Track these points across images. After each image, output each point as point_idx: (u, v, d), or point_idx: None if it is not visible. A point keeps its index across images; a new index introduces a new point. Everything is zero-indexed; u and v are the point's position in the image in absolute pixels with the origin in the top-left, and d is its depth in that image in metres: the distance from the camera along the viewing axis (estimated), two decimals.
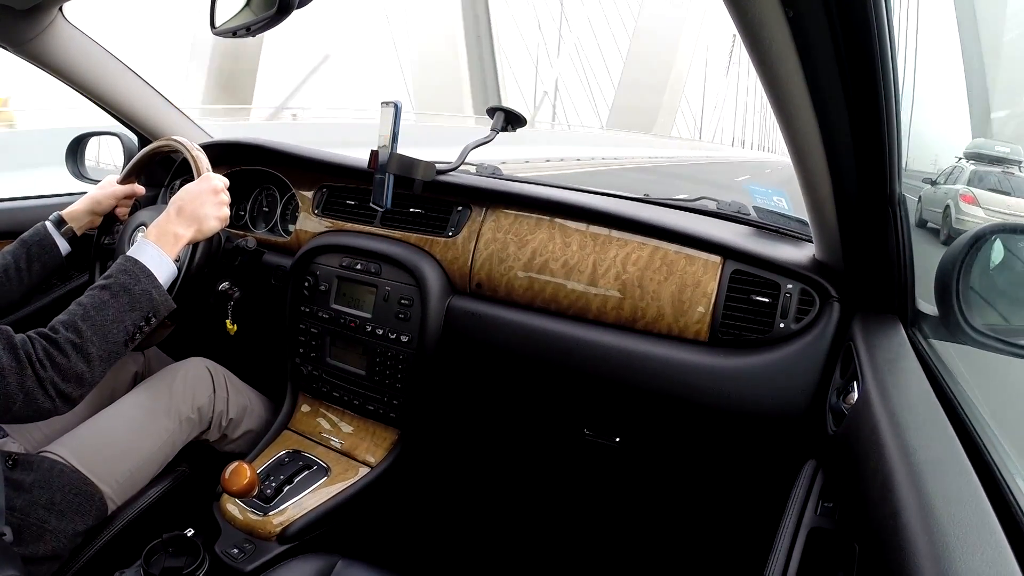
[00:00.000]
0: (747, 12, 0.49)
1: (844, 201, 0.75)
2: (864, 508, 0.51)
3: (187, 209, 0.98)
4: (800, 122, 0.64)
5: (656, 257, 1.03)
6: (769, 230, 1.13)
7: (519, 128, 1.23)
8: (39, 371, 0.78)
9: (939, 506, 0.42)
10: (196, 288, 1.09)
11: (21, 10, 1.10)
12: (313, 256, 1.27)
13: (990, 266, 0.75)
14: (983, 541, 0.40)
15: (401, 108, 1.07)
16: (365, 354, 1.24)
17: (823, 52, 0.53)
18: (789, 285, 0.95)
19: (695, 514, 1.25)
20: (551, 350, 1.08)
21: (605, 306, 1.06)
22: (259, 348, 1.40)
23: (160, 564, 0.86)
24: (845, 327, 0.89)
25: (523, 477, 1.41)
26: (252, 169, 1.43)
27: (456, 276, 1.18)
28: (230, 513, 1.09)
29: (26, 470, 0.91)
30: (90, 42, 1.27)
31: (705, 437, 1.06)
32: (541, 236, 1.12)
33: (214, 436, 1.19)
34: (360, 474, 1.19)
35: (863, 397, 0.65)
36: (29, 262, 1.11)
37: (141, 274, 0.89)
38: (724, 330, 0.98)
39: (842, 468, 0.64)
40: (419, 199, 1.21)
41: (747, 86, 38.57)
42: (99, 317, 0.84)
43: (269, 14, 0.79)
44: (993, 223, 0.73)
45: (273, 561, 1.01)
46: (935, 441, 0.52)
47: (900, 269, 0.79)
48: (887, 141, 0.64)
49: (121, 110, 1.40)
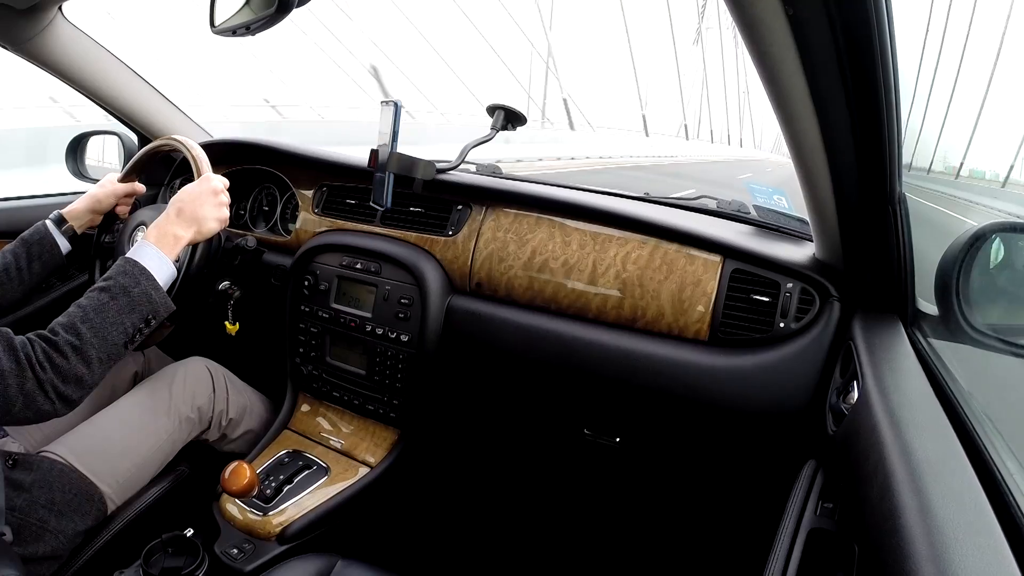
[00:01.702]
0: (747, 11, 0.49)
1: (844, 200, 0.75)
2: (863, 508, 0.51)
3: (187, 210, 0.98)
4: (800, 121, 0.64)
5: (656, 256, 1.03)
6: (769, 229, 1.13)
7: (519, 126, 1.22)
8: (39, 373, 0.78)
9: (938, 506, 0.42)
10: (196, 289, 1.09)
11: (21, 9, 1.10)
12: (313, 255, 1.27)
13: (990, 265, 0.74)
14: (982, 541, 0.40)
15: (401, 107, 1.07)
16: (365, 354, 1.24)
17: (823, 51, 0.53)
18: (789, 284, 0.95)
19: (695, 514, 1.25)
20: (551, 349, 1.08)
21: (605, 305, 1.06)
22: (259, 348, 1.40)
23: (159, 564, 0.86)
24: (845, 326, 0.89)
25: (523, 477, 1.41)
26: (252, 168, 1.43)
27: (456, 275, 1.18)
28: (230, 513, 1.09)
29: (26, 470, 0.91)
30: (90, 41, 1.27)
31: (705, 437, 1.06)
32: (541, 235, 1.11)
33: (214, 436, 1.19)
34: (360, 474, 1.20)
35: (863, 397, 0.65)
36: (29, 260, 1.11)
37: (140, 276, 0.89)
38: (724, 329, 0.98)
39: (842, 468, 0.64)
40: (419, 198, 1.21)
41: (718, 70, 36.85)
42: (98, 319, 0.84)
43: (269, 12, 0.79)
44: (993, 222, 0.72)
45: (273, 561, 1.01)
46: (935, 441, 0.52)
47: (900, 268, 0.79)
48: (887, 140, 0.64)
49: (121, 109, 1.40)
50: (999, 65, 16.25)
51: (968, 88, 14.54)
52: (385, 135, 1.08)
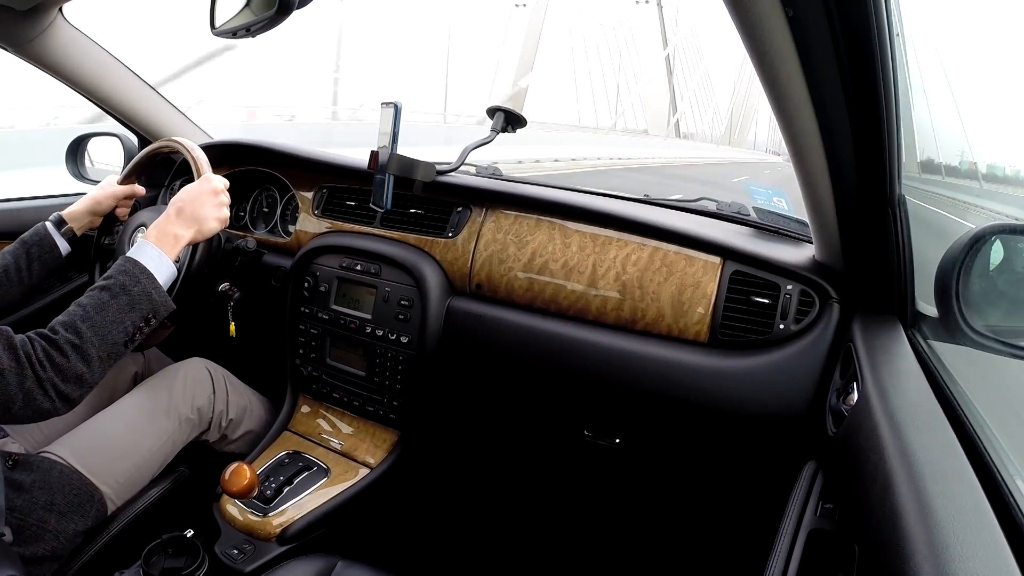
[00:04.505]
0: (747, 12, 0.49)
1: (844, 201, 0.75)
2: (863, 509, 0.51)
3: (187, 210, 0.98)
4: (800, 122, 0.64)
5: (656, 258, 1.03)
6: (769, 231, 1.13)
7: (519, 128, 1.23)
8: (39, 372, 0.78)
9: (938, 507, 0.42)
10: (196, 289, 1.09)
11: (21, 11, 1.10)
12: (313, 257, 1.27)
13: (990, 267, 0.74)
14: (982, 542, 0.40)
15: (401, 108, 1.07)
16: (365, 355, 1.24)
17: (823, 52, 0.53)
18: (789, 286, 0.95)
19: (695, 515, 1.25)
20: (551, 351, 1.08)
21: (605, 307, 1.06)
22: (259, 349, 1.40)
23: (159, 565, 0.86)
24: (845, 328, 0.89)
25: (523, 478, 1.40)
26: (252, 170, 1.43)
27: (456, 277, 1.18)
28: (230, 514, 1.09)
29: (26, 470, 0.91)
30: (90, 43, 1.27)
31: (705, 438, 1.06)
32: (541, 237, 1.12)
33: (214, 437, 1.19)
34: (360, 475, 1.19)
35: (863, 398, 0.65)
36: (29, 262, 1.11)
37: (141, 275, 0.89)
38: (724, 331, 0.98)
39: (842, 469, 0.64)
40: (419, 200, 1.21)
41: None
42: (99, 318, 0.84)
43: (269, 14, 0.79)
44: (992, 224, 0.72)
45: (273, 562, 1.01)
46: (934, 442, 0.52)
47: (900, 270, 0.79)
48: (887, 141, 0.64)
49: (121, 111, 1.40)
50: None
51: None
52: (385, 136, 1.08)
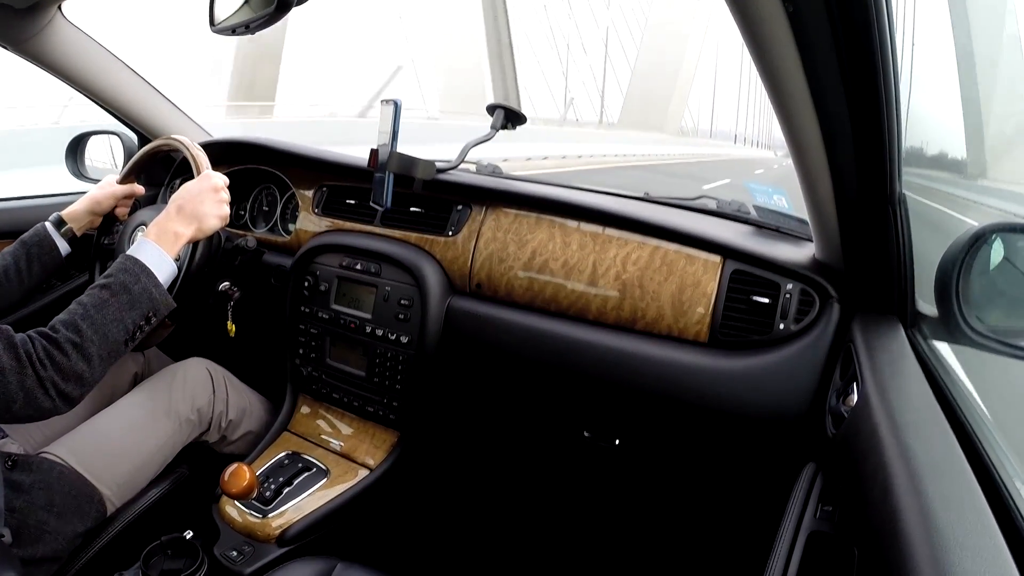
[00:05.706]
0: (747, 8, 0.49)
1: (844, 200, 0.74)
2: (863, 511, 0.51)
3: (187, 207, 0.98)
4: (800, 120, 0.64)
5: (656, 257, 1.03)
6: (769, 229, 1.12)
7: (519, 126, 1.22)
8: (39, 370, 0.78)
9: (938, 509, 0.42)
10: (196, 287, 1.09)
11: (20, 8, 1.10)
12: (313, 256, 1.27)
13: (990, 266, 0.74)
14: (982, 545, 0.39)
15: (401, 106, 1.07)
16: (365, 355, 1.23)
17: (823, 49, 0.53)
18: (789, 285, 0.94)
19: (694, 517, 1.24)
20: (551, 351, 1.08)
21: (605, 306, 1.05)
22: (259, 349, 1.40)
23: (159, 566, 0.86)
24: (845, 328, 0.89)
25: (523, 479, 1.40)
26: (252, 168, 1.43)
27: (456, 276, 1.18)
28: (229, 515, 1.09)
29: (25, 471, 0.91)
30: (89, 40, 1.27)
31: (704, 439, 1.06)
32: (541, 236, 1.11)
33: (213, 437, 1.19)
34: (360, 476, 1.19)
35: (863, 399, 0.65)
36: (29, 263, 1.11)
37: (141, 273, 0.89)
38: (724, 331, 0.98)
39: (841, 471, 0.63)
40: (419, 198, 1.21)
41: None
42: (99, 316, 0.84)
43: (268, 11, 0.79)
44: (992, 222, 0.72)
45: (272, 564, 1.01)
46: (934, 444, 0.52)
47: (900, 269, 0.79)
48: (887, 139, 0.64)
49: (121, 109, 1.40)
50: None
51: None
52: (385, 134, 1.08)
